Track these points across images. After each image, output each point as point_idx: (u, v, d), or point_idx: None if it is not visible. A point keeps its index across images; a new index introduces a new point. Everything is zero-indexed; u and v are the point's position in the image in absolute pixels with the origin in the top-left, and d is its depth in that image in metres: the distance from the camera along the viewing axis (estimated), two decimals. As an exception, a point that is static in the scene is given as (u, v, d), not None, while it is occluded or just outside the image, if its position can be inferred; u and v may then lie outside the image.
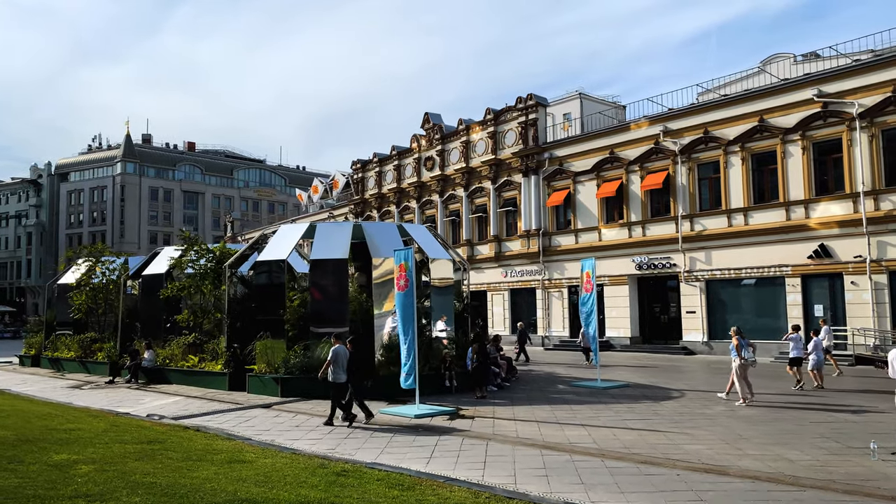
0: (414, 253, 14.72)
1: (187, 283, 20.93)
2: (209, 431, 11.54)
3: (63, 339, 27.04)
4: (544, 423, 12.67)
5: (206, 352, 20.24)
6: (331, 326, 17.51)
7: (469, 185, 39.81)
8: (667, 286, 30.96)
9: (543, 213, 35.35)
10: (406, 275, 14.49)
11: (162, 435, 10.71)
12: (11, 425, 10.56)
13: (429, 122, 43.22)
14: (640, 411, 13.98)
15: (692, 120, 29.34)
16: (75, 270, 27.76)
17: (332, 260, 17.96)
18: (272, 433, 12.17)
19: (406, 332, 14.34)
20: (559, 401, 15.68)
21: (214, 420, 13.68)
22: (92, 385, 21.13)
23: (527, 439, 11.09)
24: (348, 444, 11.05)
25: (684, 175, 29.49)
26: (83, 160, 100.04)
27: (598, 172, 32.77)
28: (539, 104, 35.86)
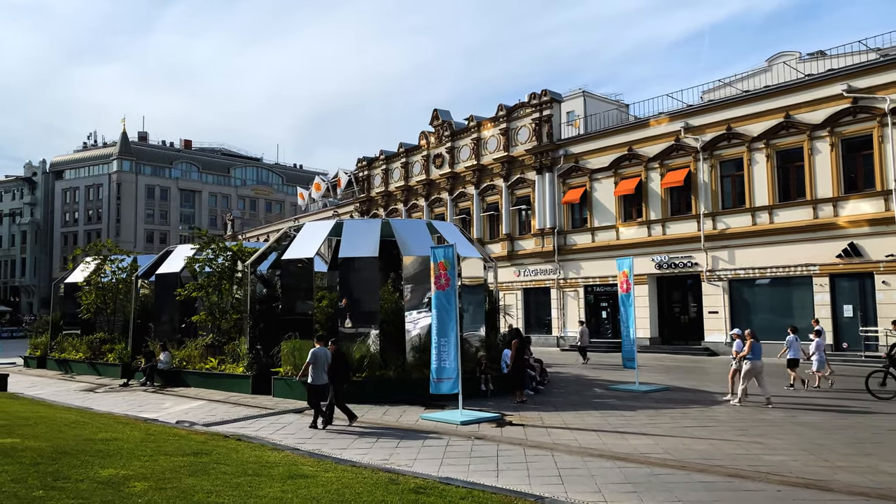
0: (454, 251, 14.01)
1: (205, 283, 20.15)
2: (252, 441, 10.82)
3: (71, 340, 26.20)
4: (601, 431, 12.01)
5: (226, 353, 19.48)
6: (361, 325, 16.87)
7: (480, 183, 39.14)
8: (687, 286, 30.37)
9: (558, 211, 34.71)
10: (447, 273, 13.80)
11: (204, 445, 9.99)
12: (43, 435, 9.82)
13: (438, 118, 42.53)
14: (696, 417, 13.35)
15: (714, 116, 28.76)
16: (84, 269, 26.90)
17: (361, 258, 17.26)
18: (314, 441, 11.47)
19: (446, 333, 13.64)
20: (603, 406, 15.03)
21: (248, 427, 12.96)
22: (106, 388, 20.34)
23: (592, 449, 10.43)
24: (401, 455, 10.36)
25: (706, 172, 28.91)
26: (78, 158, 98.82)
27: (615, 170, 32.16)
28: (553, 100, 35.24)
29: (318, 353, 12.74)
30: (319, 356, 12.72)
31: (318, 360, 12.71)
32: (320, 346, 12.97)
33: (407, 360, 16.64)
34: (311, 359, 12.74)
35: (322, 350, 12.85)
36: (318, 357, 12.72)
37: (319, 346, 12.93)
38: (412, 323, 17.23)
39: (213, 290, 20.11)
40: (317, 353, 12.75)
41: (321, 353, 12.78)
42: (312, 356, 12.73)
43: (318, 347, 12.90)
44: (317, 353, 12.74)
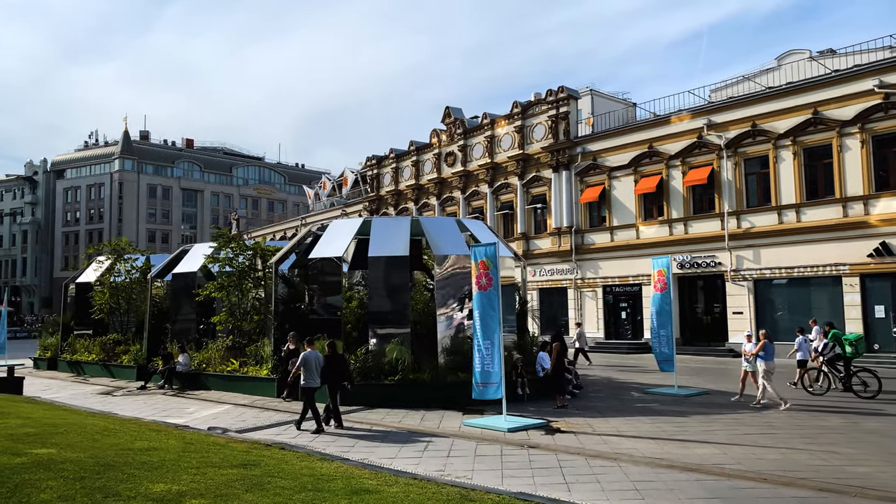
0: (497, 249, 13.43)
1: (226, 283, 19.54)
2: (295, 450, 10.22)
3: (83, 341, 25.57)
4: (658, 439, 11.43)
5: (248, 355, 18.87)
6: (392, 327, 16.31)
7: (494, 181, 38.54)
8: (710, 286, 29.79)
9: (575, 210, 34.13)
10: (489, 273, 13.22)
11: (248, 455, 9.39)
12: (78, 445, 9.22)
13: (450, 116, 41.95)
14: (751, 423, 12.78)
15: (739, 113, 28.19)
16: (97, 268, 26.27)
17: (391, 257, 16.67)
18: (359, 450, 10.89)
19: (489, 336, 13.06)
20: (648, 411, 14.46)
21: (284, 434, 12.38)
22: (124, 391, 19.73)
23: (658, 459, 9.85)
24: (456, 465, 9.78)
25: (730, 170, 28.34)
26: (80, 157, 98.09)
27: (635, 167, 31.58)
28: (570, 97, 34.66)
29: (308, 357, 12.74)
30: (310, 359, 12.74)
31: (308, 363, 12.71)
32: (310, 349, 12.92)
33: (439, 363, 16.05)
34: (301, 362, 12.76)
35: (312, 353, 12.84)
36: (308, 360, 12.72)
37: (310, 350, 12.90)
38: (445, 324, 16.66)
39: (235, 290, 19.49)
40: (307, 356, 12.75)
41: (311, 356, 12.78)
42: (303, 360, 12.74)
43: (309, 351, 12.87)
44: (307, 357, 12.74)
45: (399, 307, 16.49)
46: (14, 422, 11.04)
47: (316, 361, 12.82)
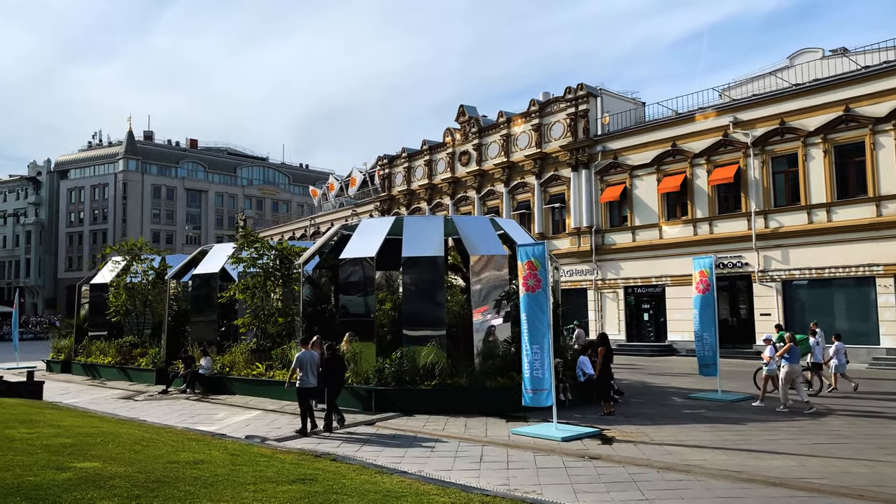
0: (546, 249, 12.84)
1: (251, 284, 18.94)
2: (349, 461, 9.63)
3: (98, 344, 24.97)
4: (725, 448, 10.83)
5: (274, 358, 18.28)
6: (427, 330, 15.73)
7: (510, 181, 37.96)
8: (736, 287, 29.19)
9: (596, 210, 33.54)
10: (537, 274, 12.63)
11: (300, 468, 8.80)
12: (121, 457, 8.63)
13: (464, 114, 41.37)
14: (815, 431, 12.20)
15: (766, 110, 27.62)
16: (113, 268, 25.69)
17: (426, 258, 16.09)
18: (410, 461, 10.30)
19: (538, 340, 12.47)
20: (701, 418, 13.86)
21: (326, 443, 11.78)
22: (145, 396, 19.14)
23: (736, 472, 9.26)
24: (520, 478, 9.20)
25: (757, 168, 27.75)
26: (84, 157, 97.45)
27: (658, 166, 31.00)
28: (590, 94, 34.07)
29: (303, 357, 12.75)
30: (305, 360, 12.73)
31: (303, 363, 12.70)
32: (305, 349, 12.98)
33: (476, 367, 15.46)
34: (296, 363, 12.77)
35: (307, 354, 12.85)
36: (303, 361, 12.72)
37: (304, 350, 12.95)
38: (481, 327, 16.07)
39: (260, 292, 18.90)
40: (302, 357, 12.77)
41: (306, 356, 12.79)
42: (298, 360, 12.76)
43: (304, 351, 12.91)
44: (302, 358, 12.75)
45: (434, 309, 15.89)
46: (47, 431, 10.46)
47: (311, 362, 12.80)
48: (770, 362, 15.57)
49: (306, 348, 13.06)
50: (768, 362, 15.62)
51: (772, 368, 15.54)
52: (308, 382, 12.68)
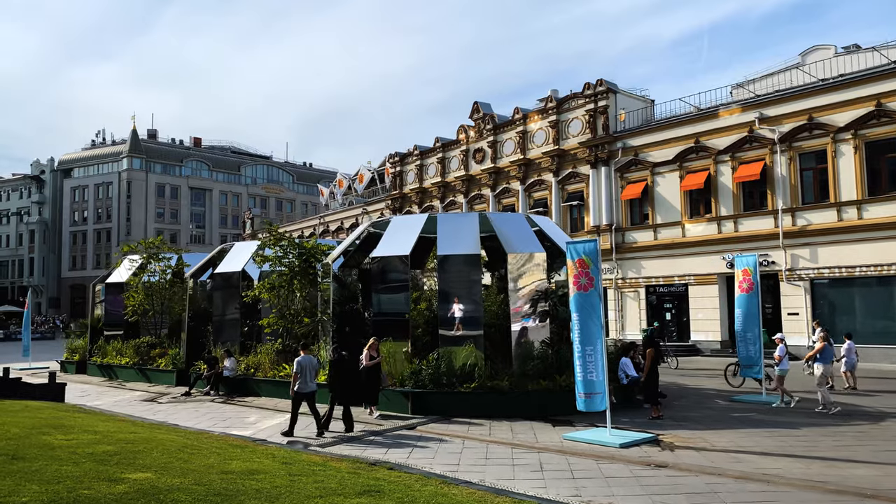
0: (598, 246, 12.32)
1: (278, 283, 18.42)
2: (409, 471, 9.12)
3: (115, 344, 24.45)
4: (795, 456, 10.31)
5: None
6: (464, 329, 15.21)
7: (526, 178, 37.43)
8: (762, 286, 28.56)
9: (615, 207, 33.02)
10: (589, 272, 12.11)
11: (360, 478, 8.28)
12: (172, 466, 8.11)
13: (479, 111, 40.82)
14: (881, 436, 11.69)
15: (794, 105, 27.09)
16: (130, 267, 25.17)
17: (462, 256, 15.57)
18: (467, 469, 9.79)
19: (591, 341, 11.95)
20: (755, 422, 13.36)
21: (373, 450, 11.28)
22: (168, 398, 18.62)
23: (820, 483, 8.74)
24: (591, 488, 8.69)
25: (784, 165, 27.23)
26: (87, 156, 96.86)
27: (680, 163, 30.47)
28: (610, 90, 33.54)
29: (302, 362, 12.67)
30: (304, 364, 12.68)
31: (303, 368, 12.64)
32: (304, 354, 12.95)
33: (515, 369, 14.95)
34: (296, 368, 12.66)
35: (307, 358, 12.81)
36: (303, 366, 12.65)
37: (304, 355, 12.89)
38: (519, 327, 15.56)
39: (286, 291, 18.38)
40: (301, 361, 12.69)
41: (306, 361, 12.74)
42: (298, 365, 12.66)
43: (303, 356, 12.84)
44: (301, 362, 12.67)
45: (471, 308, 15.36)
46: (84, 437, 9.94)
47: (310, 367, 12.75)
48: (781, 362, 15.42)
49: (306, 353, 13.11)
50: (779, 362, 15.48)
51: (783, 368, 15.34)
52: (306, 387, 12.63)
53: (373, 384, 14.47)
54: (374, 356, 14.39)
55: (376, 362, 14.43)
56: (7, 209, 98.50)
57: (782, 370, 15.47)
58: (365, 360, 14.29)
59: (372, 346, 14.41)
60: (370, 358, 14.35)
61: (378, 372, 14.55)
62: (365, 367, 14.30)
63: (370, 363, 14.33)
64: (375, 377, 14.50)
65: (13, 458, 8.06)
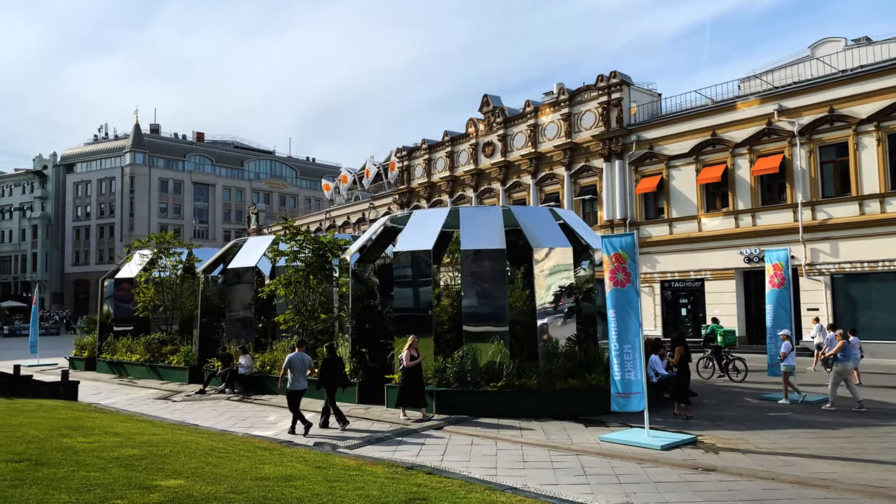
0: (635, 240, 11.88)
1: (294, 278, 17.99)
2: (450, 475, 8.69)
3: (124, 340, 24.04)
4: (846, 459, 9.89)
5: (318, 357, 17.31)
6: (489, 325, 14.79)
7: (538, 172, 36.95)
8: (779, 281, 28.14)
9: (630, 202, 32.55)
10: (626, 267, 11.68)
11: (400, 484, 7.86)
12: (203, 472, 7.69)
13: (488, 104, 40.31)
14: (932, 438, 11.26)
15: (814, 97, 26.59)
16: (140, 262, 24.74)
17: (487, 250, 15.13)
18: (506, 472, 9.39)
19: (629, 338, 11.53)
20: (793, 422, 12.95)
21: (406, 451, 10.89)
22: (182, 396, 18.21)
23: (882, 488, 8.33)
24: (641, 495, 8.28)
25: (804, 158, 26.75)
26: (90, 151, 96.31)
27: (696, 156, 29.98)
28: (624, 82, 33.04)
29: (293, 359, 12.75)
30: (295, 362, 12.74)
31: (294, 365, 12.68)
32: (297, 352, 12.99)
33: (542, 367, 14.52)
34: (287, 365, 12.74)
35: (298, 356, 12.84)
36: (293, 363, 12.70)
37: (296, 353, 12.94)
38: (545, 324, 15.13)
39: (303, 287, 17.95)
40: (292, 358, 12.77)
41: (297, 358, 12.80)
42: (288, 362, 12.73)
43: (295, 353, 12.91)
44: (292, 359, 12.75)
45: (496, 304, 14.94)
46: (106, 440, 9.53)
47: (301, 364, 12.78)
48: (786, 358, 15.35)
49: (299, 350, 13.07)
50: (783, 358, 15.40)
51: (788, 364, 15.31)
52: (298, 385, 12.66)
53: (416, 386, 13.67)
54: (414, 356, 13.69)
55: (418, 362, 13.72)
56: (10, 204, 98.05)
57: (787, 366, 15.36)
58: (405, 360, 13.59)
59: (412, 345, 13.72)
60: (411, 358, 13.63)
61: (420, 373, 13.84)
62: (406, 368, 13.61)
63: (411, 364, 13.59)
64: (418, 378, 13.72)
65: (36, 463, 7.65)
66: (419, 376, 13.75)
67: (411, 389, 13.66)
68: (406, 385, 13.67)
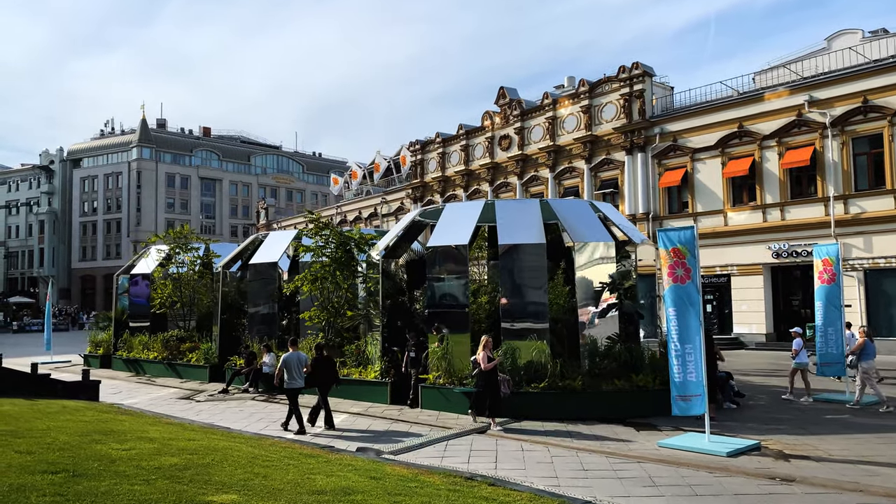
0: (695, 234, 11.24)
1: (321, 274, 17.36)
2: (516, 488, 8.07)
3: (141, 338, 23.47)
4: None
5: (346, 355, 16.75)
6: (528, 322, 14.17)
7: (556, 165, 36.26)
8: (809, 276, 27.45)
9: (653, 196, 31.85)
10: (685, 262, 11.04)
11: (467, 499, 7.24)
12: (255, 486, 7.07)
13: (505, 97, 39.59)
14: None
15: (846, 88, 25.85)
16: (157, 257, 24.15)
17: (526, 245, 14.48)
18: (569, 482, 8.77)
19: (690, 338, 10.90)
20: (857, 426, 12.31)
21: (452, 457, 10.28)
22: (205, 395, 17.62)
23: None
24: (725, 508, 7.63)
25: (836, 150, 26.01)
26: (96, 146, 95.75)
27: (722, 149, 29.26)
28: (646, 73, 32.30)
29: (288, 359, 12.75)
30: (290, 361, 12.72)
31: (289, 365, 12.68)
32: (292, 350, 13.01)
33: (584, 367, 13.90)
34: (282, 364, 12.74)
35: (293, 355, 12.86)
36: (289, 362, 12.71)
37: (291, 352, 12.97)
38: (587, 322, 14.50)
39: (329, 283, 17.33)
40: (287, 358, 12.77)
41: (293, 357, 12.80)
42: (284, 362, 12.75)
43: (290, 353, 12.93)
44: (287, 359, 12.75)
45: (536, 300, 14.31)
46: (142, 446, 8.92)
47: (297, 362, 12.77)
48: (798, 355, 15.16)
49: (293, 349, 13.06)
50: (795, 355, 15.23)
51: (799, 362, 15.19)
52: (295, 383, 12.66)
53: (493, 391, 12.45)
54: (491, 357, 12.48)
55: (495, 364, 12.50)
56: (16, 199, 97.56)
57: (798, 364, 15.20)
58: (482, 362, 12.42)
59: (487, 346, 12.56)
60: (488, 360, 12.39)
61: (496, 377, 12.58)
62: (483, 372, 12.34)
63: (489, 366, 12.33)
64: (495, 383, 12.47)
65: (74, 475, 7.03)
66: (496, 381, 12.51)
67: (488, 396, 12.44)
68: (483, 391, 12.50)
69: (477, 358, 12.54)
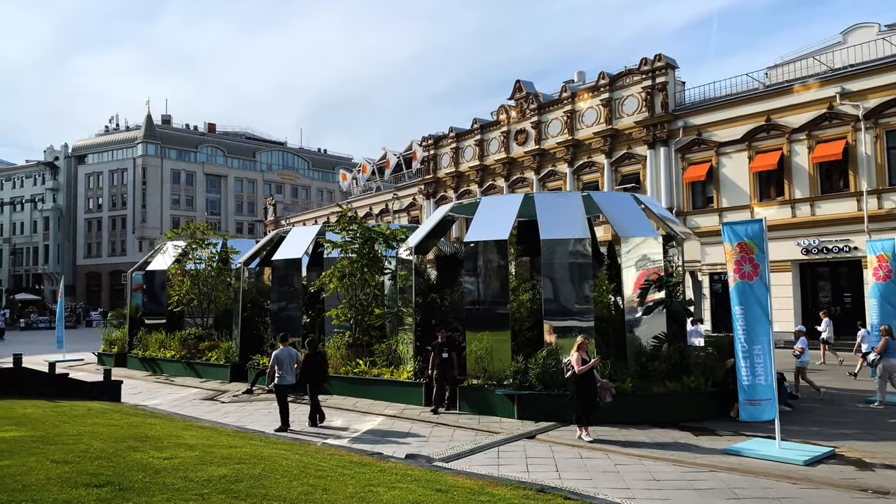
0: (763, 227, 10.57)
1: (349, 270, 16.71)
2: (591, 500, 7.44)
3: (156, 336, 22.86)
4: None
5: (376, 354, 16.12)
6: (572, 319, 13.52)
7: (575, 160, 35.56)
8: (839, 273, 26.87)
9: (676, 190, 31.14)
10: (753, 258, 10.38)
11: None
12: (319, 500, 6.44)
13: (521, 90, 38.87)
14: None
15: (880, 79, 25.11)
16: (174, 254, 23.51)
17: (570, 240, 13.82)
18: (644, 497, 8.14)
19: (758, 338, 10.27)
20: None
21: (510, 465, 9.65)
22: (229, 396, 16.99)
23: None
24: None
25: (869, 143, 25.29)
26: (101, 142, 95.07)
27: (749, 143, 28.54)
28: (669, 66, 31.58)
29: (280, 355, 12.71)
30: (283, 357, 12.69)
31: (281, 361, 12.63)
32: (283, 346, 12.94)
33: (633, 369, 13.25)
34: (273, 361, 12.74)
35: (285, 351, 12.80)
36: (281, 359, 12.66)
37: (283, 348, 12.90)
38: (634, 321, 13.84)
39: (358, 280, 16.69)
40: (279, 354, 12.74)
41: (284, 353, 12.75)
42: (275, 358, 12.71)
43: (282, 349, 12.87)
44: (279, 355, 12.71)
45: (579, 297, 13.65)
46: (184, 454, 8.28)
47: (289, 359, 12.70)
48: (802, 354, 15.21)
49: (284, 345, 13.02)
50: (800, 354, 15.26)
51: (803, 361, 15.24)
52: (285, 380, 12.58)
53: (589, 397, 11.25)
54: (585, 359, 11.24)
55: (590, 366, 11.25)
56: (21, 196, 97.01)
57: (802, 362, 15.24)
58: (576, 364, 11.14)
59: (582, 347, 11.40)
60: (582, 361, 11.18)
61: (593, 381, 11.31)
62: (578, 375, 11.17)
63: (584, 368, 11.11)
64: (591, 387, 11.26)
65: (120, 488, 6.40)
66: (593, 385, 11.30)
67: (585, 401, 11.27)
68: (579, 396, 11.29)
69: (570, 360, 11.37)
